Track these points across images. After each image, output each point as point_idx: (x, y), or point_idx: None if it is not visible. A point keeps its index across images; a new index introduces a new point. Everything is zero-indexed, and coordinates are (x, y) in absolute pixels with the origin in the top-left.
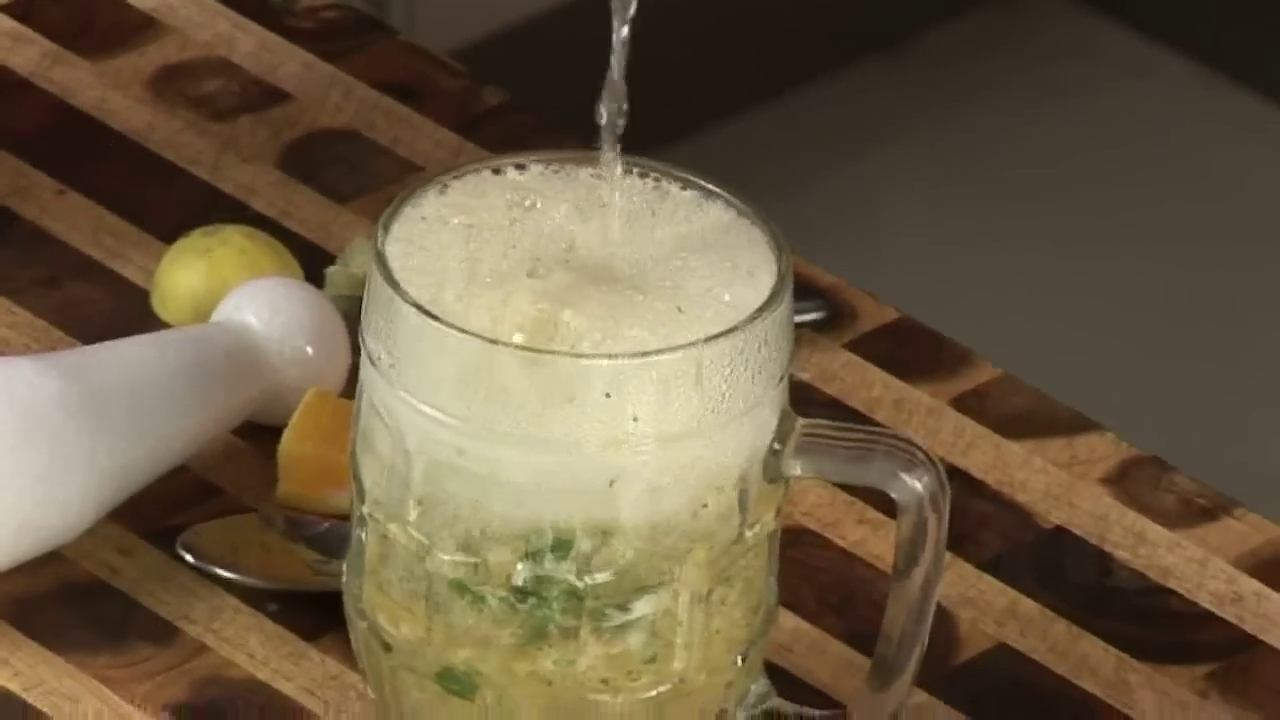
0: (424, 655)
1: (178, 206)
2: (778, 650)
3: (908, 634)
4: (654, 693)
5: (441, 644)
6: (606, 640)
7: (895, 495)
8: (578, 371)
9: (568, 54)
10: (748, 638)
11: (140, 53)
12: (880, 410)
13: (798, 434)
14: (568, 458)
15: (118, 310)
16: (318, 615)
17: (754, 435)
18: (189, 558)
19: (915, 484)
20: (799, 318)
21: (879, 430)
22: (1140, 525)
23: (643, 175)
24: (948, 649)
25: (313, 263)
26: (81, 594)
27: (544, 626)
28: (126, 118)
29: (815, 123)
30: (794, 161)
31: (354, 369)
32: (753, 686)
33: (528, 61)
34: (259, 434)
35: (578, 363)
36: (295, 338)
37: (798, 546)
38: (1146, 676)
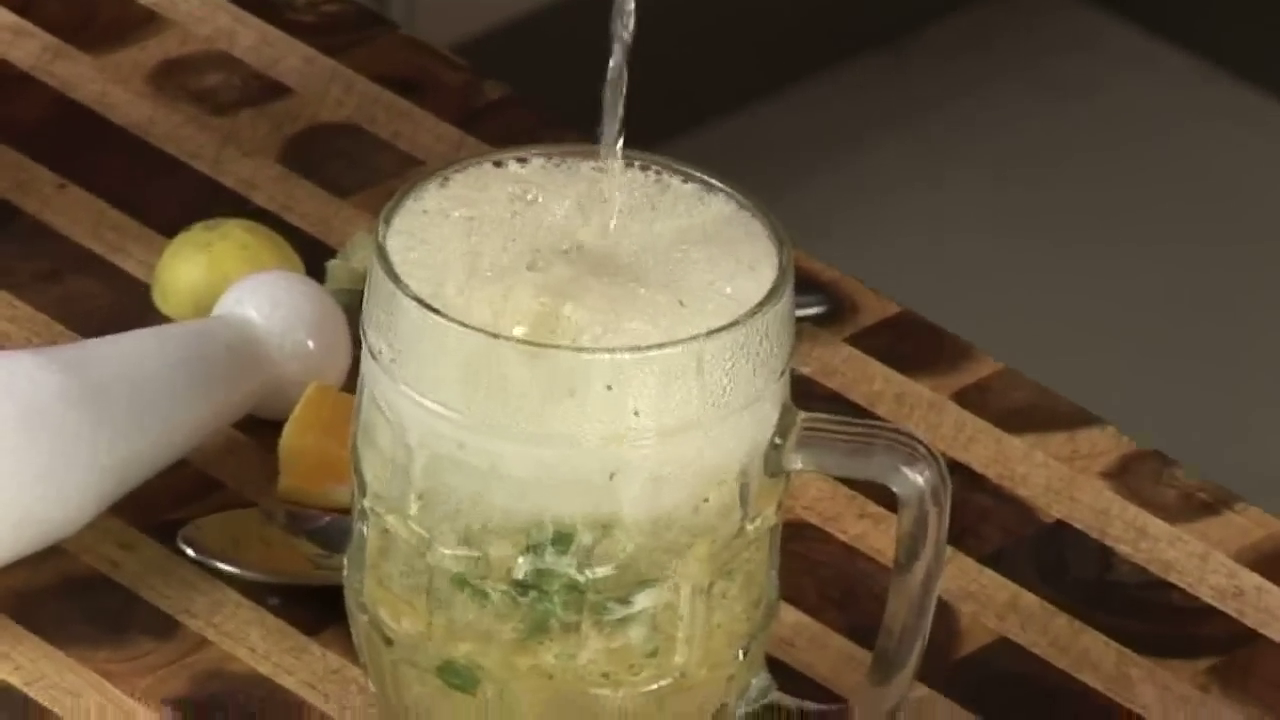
0: (425, 649)
1: (178, 201)
2: (779, 644)
3: (909, 628)
4: (655, 687)
5: (442, 638)
6: (607, 634)
7: (896, 489)
8: (579, 365)
9: (569, 48)
10: (749, 632)
11: (141, 47)
12: (881, 404)
13: (799, 428)
14: (569, 451)
15: (119, 304)
16: (319, 609)
17: (755, 429)
18: (190, 552)
19: (916, 478)
20: (800, 312)
21: (880, 424)
22: (1141, 519)
23: (644, 169)
24: (949, 643)
25: (314, 257)
26: (82, 588)
27: (545, 620)
28: (127, 112)
29: (816, 118)
30: (795, 156)
31: (355, 363)
32: (754, 680)
33: (529, 55)
34: (260, 428)
35: (579, 356)
36: (296, 332)
37: (799, 540)
38: (1147, 671)
